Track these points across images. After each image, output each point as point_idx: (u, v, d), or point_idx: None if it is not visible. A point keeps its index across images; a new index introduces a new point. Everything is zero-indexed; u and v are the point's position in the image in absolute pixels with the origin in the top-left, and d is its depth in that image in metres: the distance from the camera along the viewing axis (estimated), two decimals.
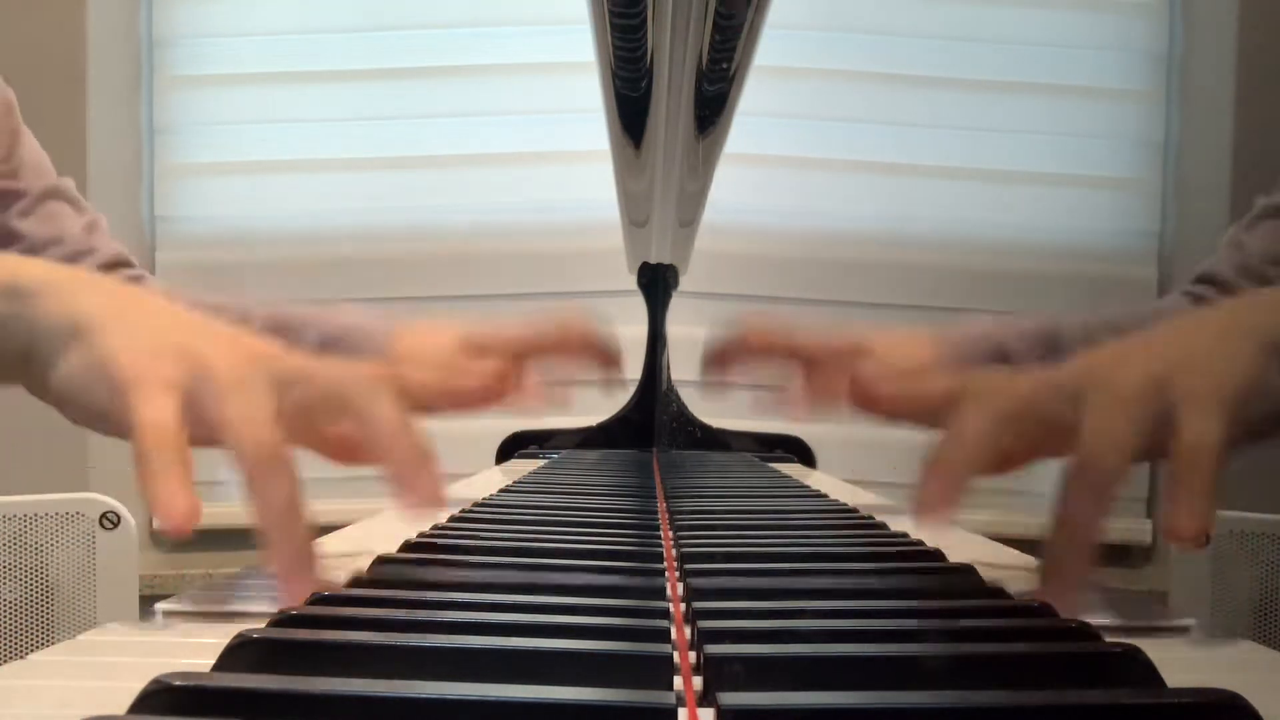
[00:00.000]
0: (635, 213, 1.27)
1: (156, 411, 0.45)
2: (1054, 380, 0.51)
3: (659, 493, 0.90)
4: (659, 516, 0.73)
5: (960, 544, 0.70)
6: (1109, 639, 0.37)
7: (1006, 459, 0.55)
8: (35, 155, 1.00)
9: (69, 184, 0.94)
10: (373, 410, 0.48)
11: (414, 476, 0.47)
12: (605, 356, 0.74)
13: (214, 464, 0.49)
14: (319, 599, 0.42)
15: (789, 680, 0.33)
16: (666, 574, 0.51)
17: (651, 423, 1.54)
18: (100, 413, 0.48)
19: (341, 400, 0.48)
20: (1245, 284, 0.78)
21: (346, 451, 0.54)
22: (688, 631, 0.40)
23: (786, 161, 2.18)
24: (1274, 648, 0.40)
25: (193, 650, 0.39)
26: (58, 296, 0.50)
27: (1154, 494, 2.08)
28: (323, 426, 0.51)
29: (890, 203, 2.19)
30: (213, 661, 0.33)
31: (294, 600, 0.42)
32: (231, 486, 0.46)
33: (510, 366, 0.69)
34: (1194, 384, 0.46)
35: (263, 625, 0.37)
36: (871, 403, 0.64)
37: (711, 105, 0.91)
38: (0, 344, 0.51)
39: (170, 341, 0.48)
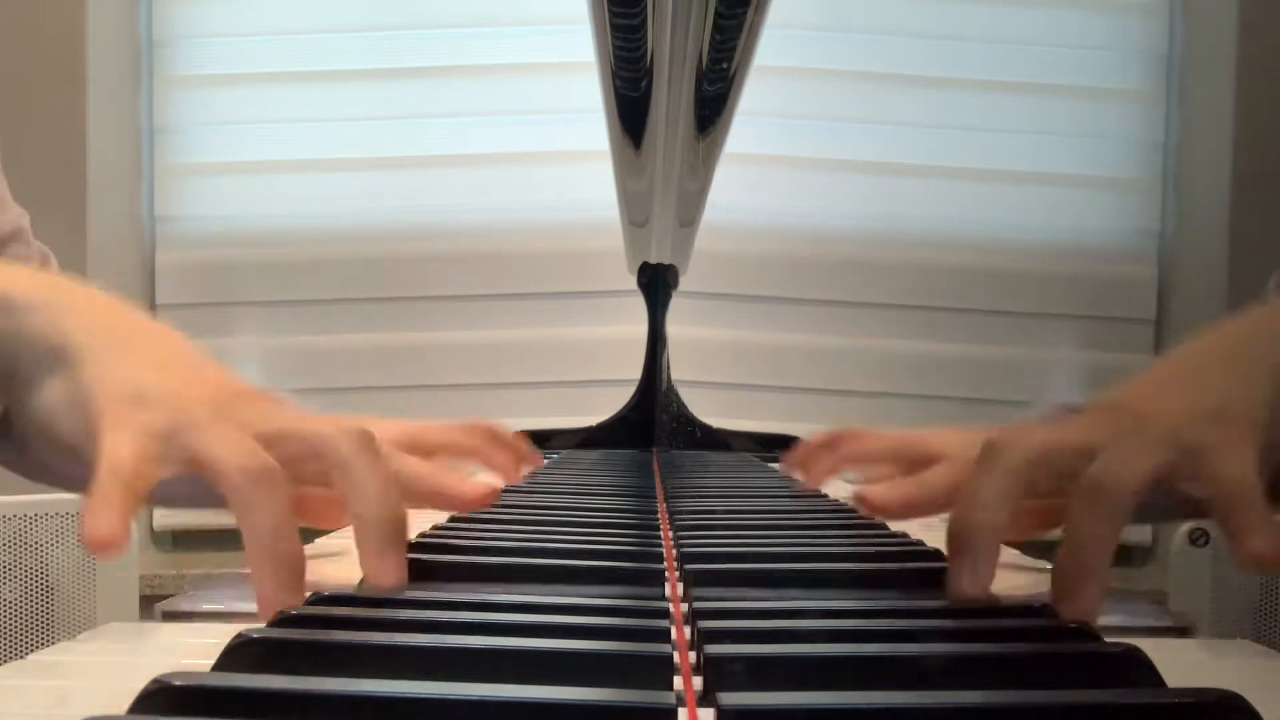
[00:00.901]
0: (635, 213, 1.27)
1: (121, 447, 0.43)
2: (1070, 431, 0.50)
3: (659, 493, 0.90)
4: (659, 516, 0.73)
5: None
6: (1109, 639, 0.37)
7: (1032, 518, 0.55)
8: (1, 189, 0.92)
9: (25, 221, 0.86)
10: (358, 463, 0.46)
11: (385, 547, 0.46)
12: (522, 457, 0.78)
13: None
14: (319, 599, 0.42)
15: (789, 680, 0.33)
16: (666, 574, 0.51)
17: (651, 423, 1.53)
18: (70, 447, 0.46)
19: (327, 450, 0.47)
20: None
21: (314, 511, 0.53)
22: (688, 631, 0.40)
23: (787, 161, 2.18)
24: (1274, 647, 0.40)
25: (193, 650, 0.39)
26: (48, 314, 0.49)
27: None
28: (304, 477, 0.48)
29: (890, 202, 2.19)
30: (213, 661, 0.33)
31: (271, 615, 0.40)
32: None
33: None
34: (1219, 430, 0.46)
35: (263, 625, 0.37)
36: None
37: (711, 105, 0.91)
38: None
39: (154, 382, 0.47)
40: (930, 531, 0.66)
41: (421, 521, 0.67)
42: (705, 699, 0.32)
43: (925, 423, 2.14)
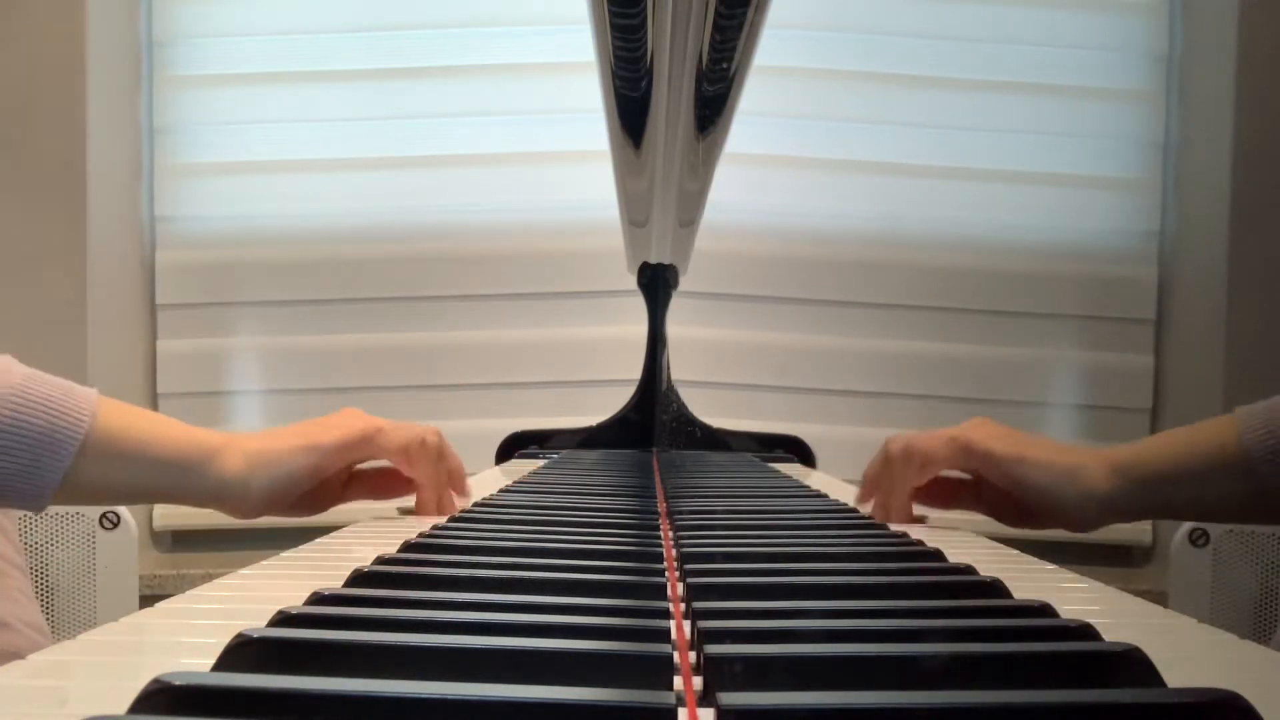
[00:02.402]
0: (635, 213, 1.27)
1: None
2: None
3: (659, 493, 0.90)
4: (659, 516, 0.73)
5: (960, 544, 0.70)
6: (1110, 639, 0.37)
7: (944, 491, 0.88)
8: None
9: None
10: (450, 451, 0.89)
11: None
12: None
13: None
14: (319, 599, 0.42)
15: (789, 680, 0.33)
16: (666, 574, 0.51)
17: (651, 423, 1.53)
18: (267, 496, 0.83)
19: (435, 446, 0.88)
20: None
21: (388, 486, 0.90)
22: (688, 631, 0.40)
23: (787, 161, 2.18)
24: (1274, 647, 0.40)
25: (193, 650, 0.39)
26: (229, 449, 0.82)
27: None
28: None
29: (891, 203, 2.19)
30: (213, 661, 0.33)
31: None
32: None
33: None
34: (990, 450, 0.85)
35: (262, 625, 0.37)
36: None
37: (711, 105, 0.91)
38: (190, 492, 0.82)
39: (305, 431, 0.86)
40: (930, 531, 0.66)
41: (422, 521, 0.67)
42: (705, 699, 0.32)
43: (925, 423, 2.14)
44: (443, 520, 0.70)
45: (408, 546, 0.58)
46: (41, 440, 0.74)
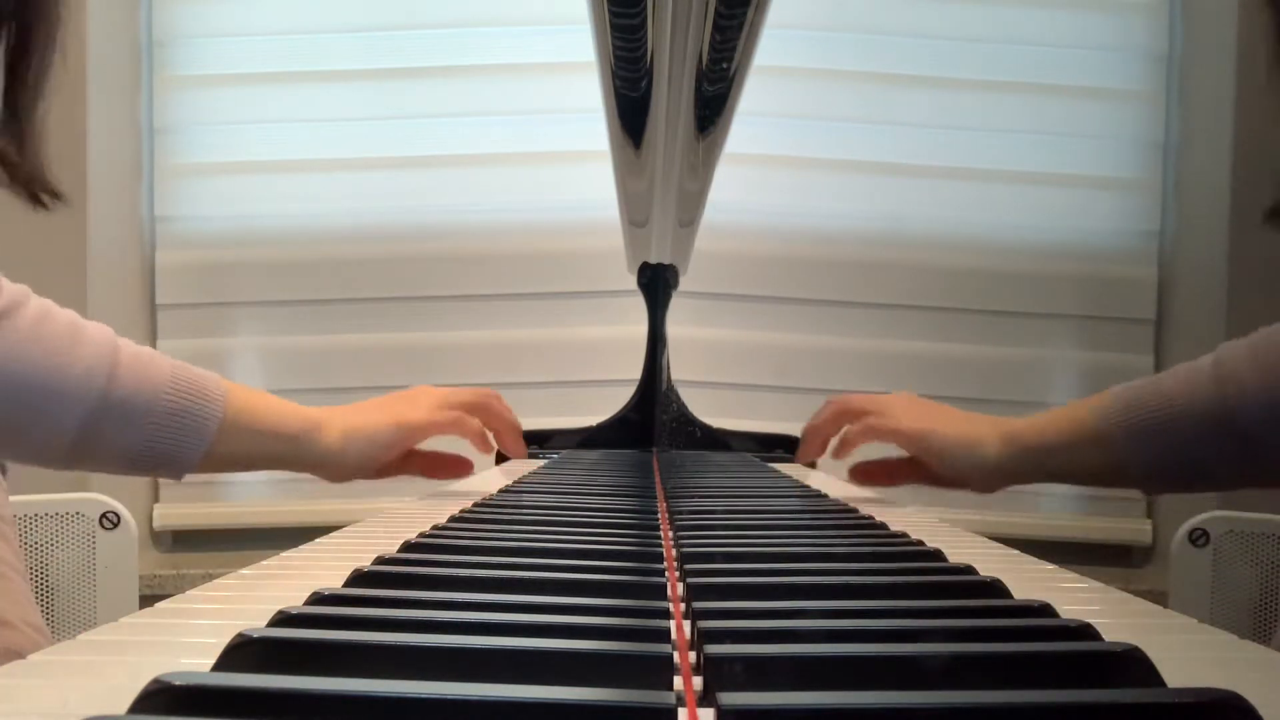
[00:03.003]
0: (635, 213, 1.27)
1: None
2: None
3: (659, 493, 0.90)
4: (659, 516, 0.73)
5: (960, 544, 0.70)
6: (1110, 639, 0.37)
7: (881, 470, 1.08)
8: None
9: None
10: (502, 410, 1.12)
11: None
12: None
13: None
14: (319, 599, 0.42)
15: (789, 680, 0.33)
16: (666, 574, 0.51)
17: (651, 423, 1.53)
18: (364, 458, 1.00)
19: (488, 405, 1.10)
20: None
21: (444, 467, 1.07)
22: (688, 631, 0.40)
23: (787, 161, 2.18)
24: (1274, 648, 0.40)
25: (193, 650, 0.39)
26: (329, 423, 0.97)
27: (1154, 498, 2.08)
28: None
29: (890, 203, 2.19)
30: (213, 661, 0.33)
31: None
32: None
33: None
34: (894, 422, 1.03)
35: (262, 625, 0.37)
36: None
37: (711, 105, 0.91)
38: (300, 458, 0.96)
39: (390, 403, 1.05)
40: (930, 531, 0.66)
41: (422, 521, 0.67)
42: (705, 699, 0.32)
43: None
44: (442, 520, 0.70)
45: (408, 546, 0.58)
46: (193, 422, 0.88)
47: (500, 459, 1.54)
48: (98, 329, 0.85)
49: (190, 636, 0.43)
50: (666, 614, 0.42)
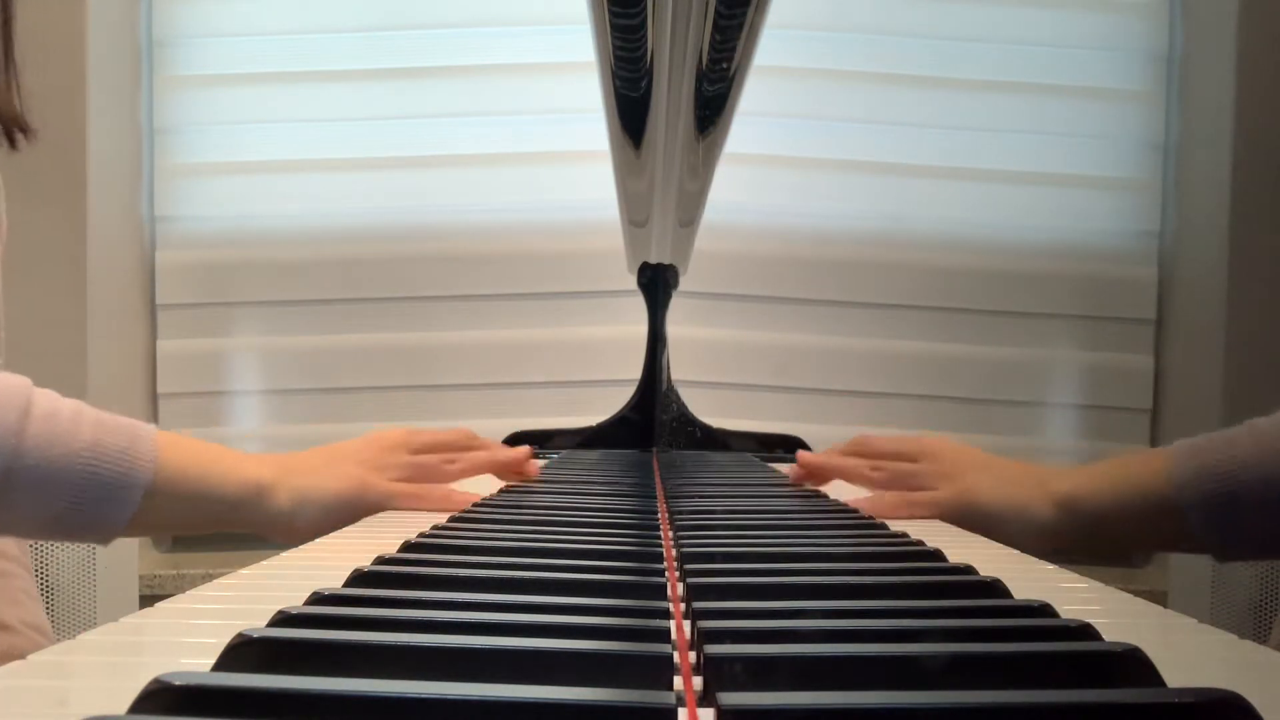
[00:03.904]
0: (635, 213, 1.27)
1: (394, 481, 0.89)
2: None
3: (659, 493, 0.90)
4: (659, 516, 0.73)
5: (960, 544, 0.70)
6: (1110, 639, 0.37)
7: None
8: None
9: None
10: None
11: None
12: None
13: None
14: (319, 599, 0.42)
15: (789, 680, 0.33)
16: (666, 574, 0.51)
17: (651, 423, 1.53)
18: (312, 524, 0.85)
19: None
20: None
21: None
22: (688, 631, 0.40)
23: (787, 161, 2.18)
24: (1272, 646, 0.40)
25: (193, 650, 0.39)
26: (277, 485, 0.86)
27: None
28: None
29: (890, 203, 2.19)
30: (213, 661, 0.33)
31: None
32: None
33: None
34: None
35: (262, 625, 0.37)
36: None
37: (711, 105, 0.91)
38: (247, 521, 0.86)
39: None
40: (930, 531, 0.66)
41: (422, 522, 0.67)
42: (705, 699, 0.33)
43: (925, 423, 2.14)
44: (442, 520, 0.71)
45: (408, 546, 0.58)
46: (113, 490, 0.79)
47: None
48: (8, 383, 0.77)
49: (190, 636, 0.43)
50: (666, 614, 0.42)
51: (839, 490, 0.97)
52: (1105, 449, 2.17)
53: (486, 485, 0.97)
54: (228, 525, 0.87)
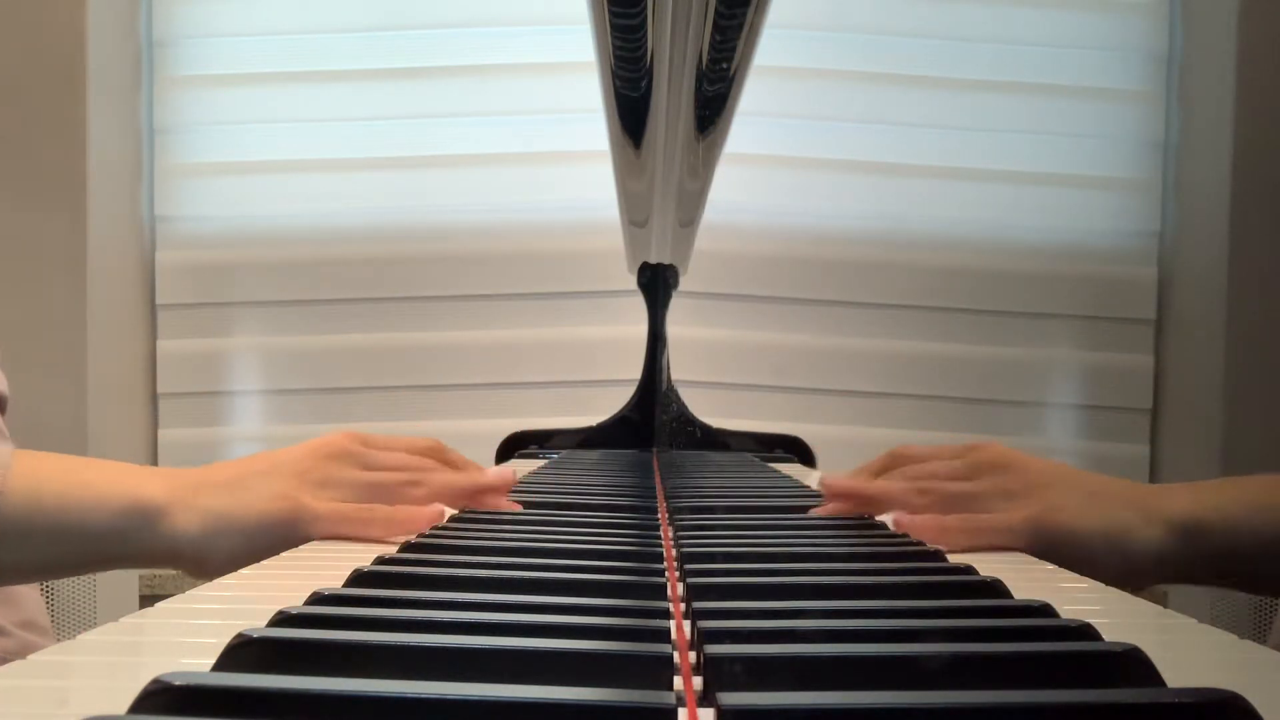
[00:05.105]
0: (635, 213, 1.27)
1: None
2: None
3: (659, 493, 0.90)
4: (659, 516, 0.73)
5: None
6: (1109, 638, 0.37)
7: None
8: None
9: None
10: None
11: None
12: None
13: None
14: (319, 599, 0.42)
15: (789, 680, 0.33)
16: (666, 574, 0.51)
17: (651, 423, 1.53)
18: (228, 556, 0.66)
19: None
20: None
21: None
22: (688, 631, 0.40)
23: (787, 161, 2.18)
24: (1271, 646, 0.40)
25: (193, 650, 0.39)
26: (180, 505, 0.68)
27: None
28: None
29: (890, 203, 2.19)
30: (213, 661, 0.33)
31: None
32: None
33: None
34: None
35: (262, 625, 0.37)
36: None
37: (711, 105, 0.91)
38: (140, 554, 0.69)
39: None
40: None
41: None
42: (705, 699, 0.33)
43: (925, 423, 2.14)
44: (442, 520, 0.70)
45: (408, 546, 0.58)
46: None
47: (501, 456, 1.54)
48: None
49: (190, 636, 0.43)
50: (666, 614, 0.42)
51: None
52: (1105, 449, 2.17)
53: None
54: (113, 561, 0.71)
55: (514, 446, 1.56)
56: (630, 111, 0.92)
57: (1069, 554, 0.65)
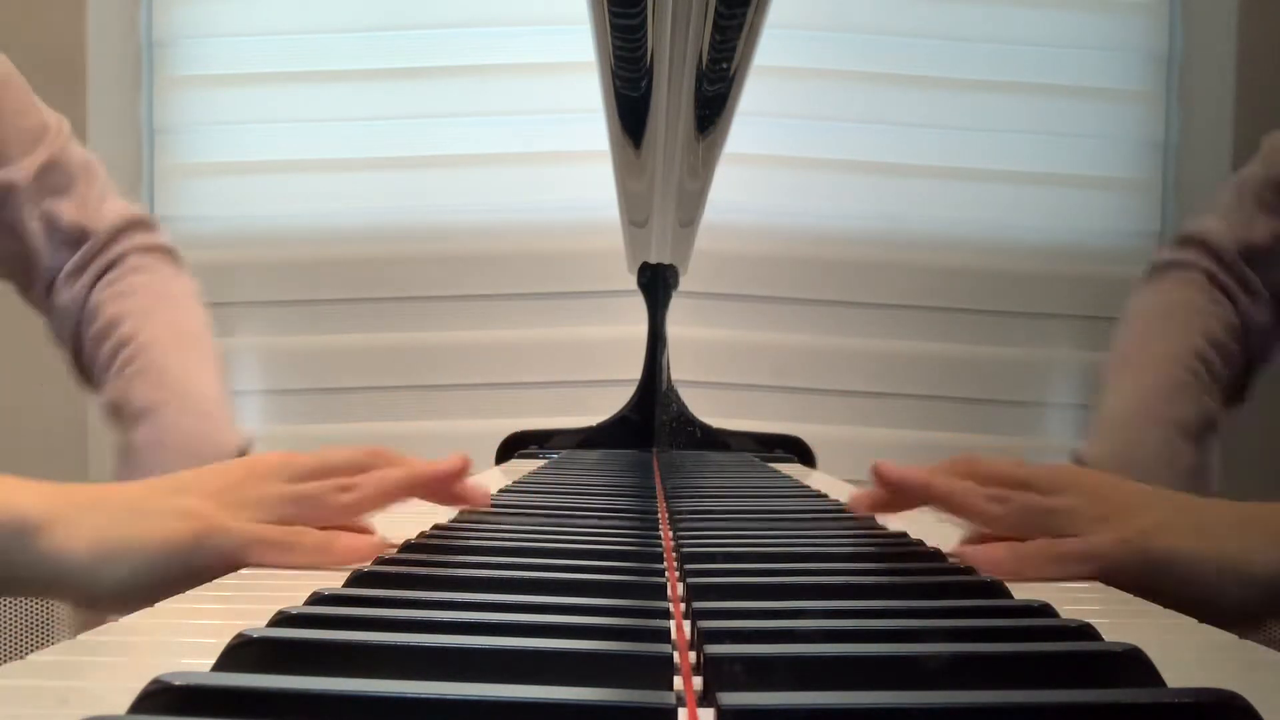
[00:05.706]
0: (635, 213, 1.27)
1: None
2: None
3: (659, 493, 0.90)
4: (659, 516, 0.73)
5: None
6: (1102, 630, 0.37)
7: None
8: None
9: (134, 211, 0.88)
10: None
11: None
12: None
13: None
14: (319, 599, 0.42)
15: (789, 680, 0.33)
16: (666, 573, 0.51)
17: (651, 423, 1.54)
18: (122, 585, 0.56)
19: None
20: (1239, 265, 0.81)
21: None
22: (688, 631, 0.40)
23: (787, 161, 2.18)
24: (1274, 648, 0.40)
25: (193, 650, 0.39)
26: (60, 524, 0.56)
27: None
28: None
29: (890, 203, 2.19)
30: (213, 661, 0.33)
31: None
32: None
33: None
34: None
35: (262, 625, 0.37)
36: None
37: (711, 105, 0.91)
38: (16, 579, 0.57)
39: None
40: (930, 531, 0.66)
41: (423, 522, 0.67)
42: (705, 699, 0.33)
43: (925, 423, 2.14)
44: (442, 520, 0.70)
45: (408, 546, 0.58)
46: None
47: (501, 456, 1.54)
48: None
49: (190, 636, 0.43)
50: (666, 614, 0.42)
51: (838, 490, 0.97)
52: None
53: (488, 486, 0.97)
54: None
55: (514, 446, 1.56)
56: (630, 111, 0.93)
57: (1172, 584, 0.56)
